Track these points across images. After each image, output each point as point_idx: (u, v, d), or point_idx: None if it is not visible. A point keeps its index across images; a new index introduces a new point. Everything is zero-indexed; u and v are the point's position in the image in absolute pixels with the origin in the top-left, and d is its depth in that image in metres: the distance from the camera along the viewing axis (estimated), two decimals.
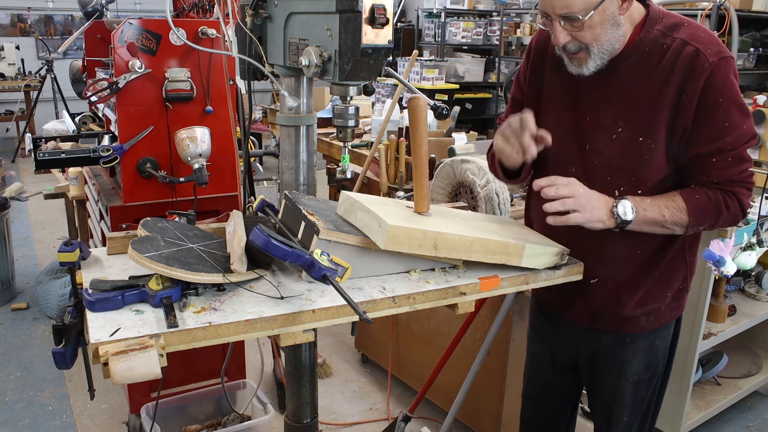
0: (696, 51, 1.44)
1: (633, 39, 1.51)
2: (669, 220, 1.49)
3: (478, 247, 1.42)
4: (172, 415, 2.65)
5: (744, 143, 1.49)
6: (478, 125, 8.31)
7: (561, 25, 1.44)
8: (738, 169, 1.49)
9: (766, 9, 6.21)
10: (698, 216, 1.50)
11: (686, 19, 1.51)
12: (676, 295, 1.68)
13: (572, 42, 1.47)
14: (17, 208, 5.83)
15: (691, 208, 1.49)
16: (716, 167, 1.49)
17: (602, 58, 1.49)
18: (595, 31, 1.44)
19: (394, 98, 3.23)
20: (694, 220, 1.50)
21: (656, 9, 1.53)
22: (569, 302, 1.74)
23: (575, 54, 1.49)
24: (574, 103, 1.60)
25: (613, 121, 1.54)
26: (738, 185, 1.50)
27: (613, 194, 1.54)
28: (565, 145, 1.62)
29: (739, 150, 1.48)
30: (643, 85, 1.49)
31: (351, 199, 1.47)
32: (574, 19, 1.42)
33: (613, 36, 1.46)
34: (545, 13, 1.46)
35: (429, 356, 2.87)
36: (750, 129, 1.49)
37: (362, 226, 1.41)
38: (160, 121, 2.49)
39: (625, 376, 1.72)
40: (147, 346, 1.09)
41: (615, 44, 1.48)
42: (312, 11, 1.42)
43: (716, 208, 1.50)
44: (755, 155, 2.89)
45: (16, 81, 7.67)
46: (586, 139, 1.59)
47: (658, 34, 1.49)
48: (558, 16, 1.43)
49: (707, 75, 1.42)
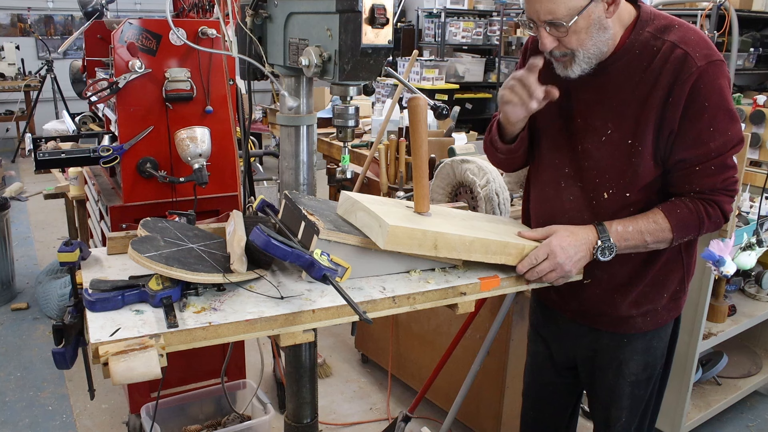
0: (685, 54, 1.42)
1: (624, 41, 1.50)
2: (651, 243, 1.51)
3: (478, 247, 1.42)
4: (172, 415, 2.65)
5: (728, 150, 1.47)
6: (478, 125, 8.30)
7: (546, 30, 1.44)
8: (721, 177, 1.48)
9: (766, 9, 6.21)
10: (681, 231, 1.50)
11: (678, 21, 1.50)
12: (673, 297, 1.68)
13: (558, 47, 1.47)
14: (17, 208, 5.82)
15: (674, 224, 1.49)
16: (699, 175, 1.48)
17: (588, 62, 1.48)
18: (580, 36, 1.43)
19: (394, 98, 3.22)
20: (677, 235, 1.51)
21: (647, 10, 1.52)
22: (566, 302, 1.74)
23: (561, 58, 1.50)
24: (566, 104, 1.60)
25: (603, 123, 1.53)
26: (720, 193, 1.50)
27: (602, 196, 1.55)
28: (559, 146, 1.63)
29: (723, 157, 1.47)
30: (632, 87, 1.48)
31: (351, 199, 1.47)
32: (559, 25, 1.41)
33: (600, 40, 1.45)
34: (531, 19, 1.46)
35: (429, 356, 2.87)
36: (736, 135, 1.47)
37: (362, 226, 1.41)
38: (160, 121, 2.49)
39: (623, 377, 1.72)
40: (147, 346, 1.09)
41: (602, 48, 1.47)
42: (312, 11, 1.42)
43: (698, 219, 1.49)
44: (755, 155, 2.89)
45: (16, 81, 7.67)
46: (577, 140, 1.59)
47: (649, 36, 1.48)
48: (543, 22, 1.43)
49: (694, 79, 1.41)
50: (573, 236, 1.49)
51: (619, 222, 1.51)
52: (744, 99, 3.13)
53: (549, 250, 1.46)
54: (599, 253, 1.49)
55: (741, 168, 2.39)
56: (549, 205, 1.68)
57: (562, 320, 1.79)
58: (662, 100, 1.45)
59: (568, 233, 1.49)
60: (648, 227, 1.49)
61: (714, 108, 1.44)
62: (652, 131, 1.47)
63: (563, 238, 1.48)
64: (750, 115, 2.86)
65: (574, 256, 1.48)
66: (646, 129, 1.47)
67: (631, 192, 1.53)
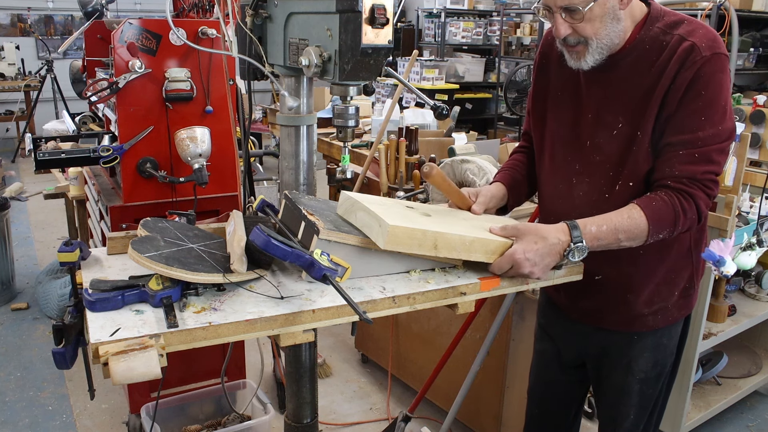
0: (692, 45, 1.44)
1: (634, 36, 1.52)
2: (624, 241, 1.48)
3: (478, 247, 1.42)
4: (172, 415, 2.64)
5: (716, 143, 1.46)
6: (478, 125, 8.31)
7: (562, 17, 1.47)
8: (702, 168, 1.46)
9: (766, 9, 6.21)
10: (656, 224, 1.46)
11: (687, 17, 1.52)
12: (684, 294, 1.68)
13: (572, 35, 1.49)
14: (17, 208, 5.83)
15: (649, 216, 1.45)
16: (680, 160, 1.47)
17: (601, 52, 1.50)
18: (594, 24, 1.46)
19: (394, 98, 3.23)
20: (653, 230, 1.47)
21: (657, 8, 1.54)
22: (576, 301, 1.74)
23: (574, 47, 1.51)
24: (576, 100, 1.62)
25: (614, 117, 1.55)
26: (698, 186, 1.47)
27: (614, 189, 1.56)
28: (569, 143, 1.65)
29: (709, 149, 1.46)
30: (642, 81, 1.50)
31: (351, 199, 1.47)
32: (575, 11, 1.44)
33: (613, 30, 1.48)
34: (547, 5, 1.48)
35: (429, 356, 2.87)
36: (725, 132, 1.47)
37: (362, 225, 1.41)
38: (160, 121, 2.49)
39: (632, 374, 1.72)
40: (147, 346, 1.09)
41: (614, 39, 1.49)
42: (312, 11, 1.42)
43: (674, 212, 1.46)
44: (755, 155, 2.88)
45: (16, 81, 7.67)
46: (587, 135, 1.60)
47: (659, 31, 1.50)
48: (559, 8, 1.46)
49: (698, 67, 1.43)
50: (541, 242, 1.42)
51: (593, 222, 1.46)
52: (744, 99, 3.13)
53: (513, 260, 1.41)
54: (570, 255, 1.44)
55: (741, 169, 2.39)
56: (560, 201, 1.68)
57: (570, 320, 1.80)
58: (666, 87, 1.46)
59: (535, 239, 1.42)
60: (622, 224, 1.46)
61: (710, 99, 1.44)
62: (653, 118, 1.48)
63: (528, 245, 1.41)
64: (750, 115, 2.86)
65: (540, 262, 1.42)
66: (650, 118, 1.49)
67: (635, 181, 1.54)
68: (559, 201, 1.69)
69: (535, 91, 1.75)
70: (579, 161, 1.63)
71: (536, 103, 1.75)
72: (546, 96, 1.71)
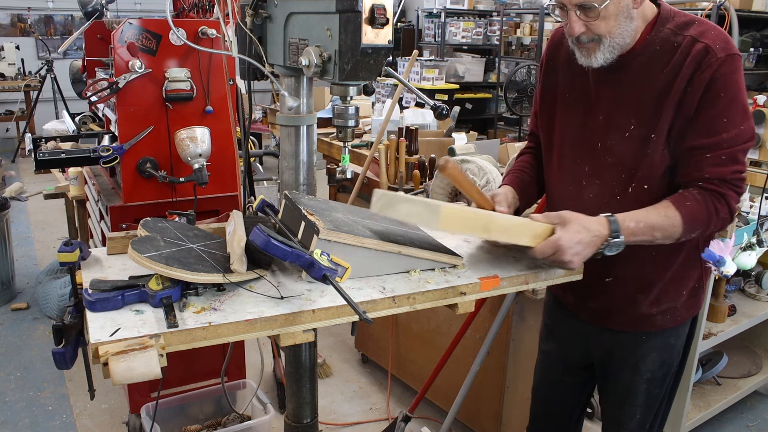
0: (706, 47, 1.44)
1: (644, 37, 1.52)
2: (659, 239, 1.49)
3: (525, 230, 1.43)
4: (172, 415, 2.65)
5: (740, 144, 1.47)
6: (478, 125, 8.31)
7: (576, 15, 1.46)
8: (731, 168, 1.48)
9: (766, 9, 6.21)
10: (690, 223, 1.48)
11: (697, 18, 1.52)
12: (692, 293, 1.68)
13: (586, 33, 1.48)
14: (17, 208, 5.83)
15: (684, 215, 1.47)
16: (709, 163, 1.47)
17: (612, 51, 1.50)
18: (608, 22, 1.45)
19: (394, 98, 3.23)
20: (686, 229, 1.48)
21: (667, 8, 1.54)
22: (584, 301, 1.74)
23: (586, 44, 1.51)
24: (586, 102, 1.61)
25: (626, 119, 1.54)
26: (728, 186, 1.48)
27: (626, 191, 1.55)
28: (578, 145, 1.64)
29: (734, 150, 1.47)
30: (654, 82, 1.50)
31: (388, 194, 1.46)
32: (590, 8, 1.43)
33: (626, 29, 1.48)
34: (561, 3, 1.48)
35: (429, 356, 2.87)
36: (748, 131, 1.47)
37: (407, 216, 1.41)
38: (160, 121, 2.49)
39: (639, 374, 1.72)
40: (147, 346, 1.09)
41: (626, 38, 1.49)
42: (312, 11, 1.42)
43: (707, 212, 1.48)
44: (755, 155, 2.89)
45: (16, 81, 7.67)
46: (598, 137, 1.60)
47: (669, 32, 1.50)
48: (574, 6, 1.45)
49: (714, 69, 1.43)
50: (584, 232, 1.43)
51: (632, 218, 1.47)
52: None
53: (556, 246, 1.41)
54: (606, 249, 1.45)
55: None
56: (570, 203, 1.66)
57: (578, 320, 1.79)
58: (682, 89, 1.46)
59: (579, 228, 1.43)
60: (659, 222, 1.47)
61: (729, 100, 1.45)
62: (670, 119, 1.48)
63: (574, 234, 1.42)
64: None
65: (582, 252, 1.43)
66: (666, 119, 1.48)
67: (650, 184, 1.53)
68: (568, 203, 1.67)
69: (543, 93, 1.74)
70: (589, 163, 1.62)
71: (544, 104, 1.74)
72: (554, 97, 1.70)
